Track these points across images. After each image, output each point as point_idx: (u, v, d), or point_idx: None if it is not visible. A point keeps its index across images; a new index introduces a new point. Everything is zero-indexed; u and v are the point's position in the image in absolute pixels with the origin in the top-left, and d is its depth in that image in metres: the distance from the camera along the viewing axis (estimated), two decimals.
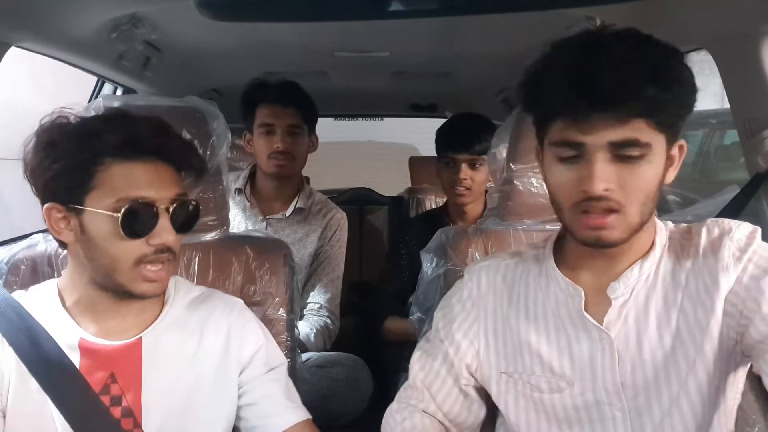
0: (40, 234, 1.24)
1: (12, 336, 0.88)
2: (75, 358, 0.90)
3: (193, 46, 1.85)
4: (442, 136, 1.91)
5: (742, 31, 1.17)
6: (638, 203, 0.78)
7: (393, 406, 1.00)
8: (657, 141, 0.77)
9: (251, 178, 1.87)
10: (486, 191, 1.93)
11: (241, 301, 1.06)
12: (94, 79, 1.95)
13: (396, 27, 1.66)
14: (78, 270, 0.92)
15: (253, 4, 1.11)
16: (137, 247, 0.87)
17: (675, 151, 0.82)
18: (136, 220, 0.86)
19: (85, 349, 0.91)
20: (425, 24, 1.63)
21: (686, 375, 0.82)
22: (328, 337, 1.71)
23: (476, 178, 1.84)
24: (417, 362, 1.01)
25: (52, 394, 0.87)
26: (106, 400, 0.89)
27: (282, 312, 1.20)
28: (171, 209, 0.89)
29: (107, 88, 2.05)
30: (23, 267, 1.14)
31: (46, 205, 0.88)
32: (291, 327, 1.20)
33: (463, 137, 1.83)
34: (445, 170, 1.88)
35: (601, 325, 0.86)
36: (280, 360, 1.05)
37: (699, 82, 0.80)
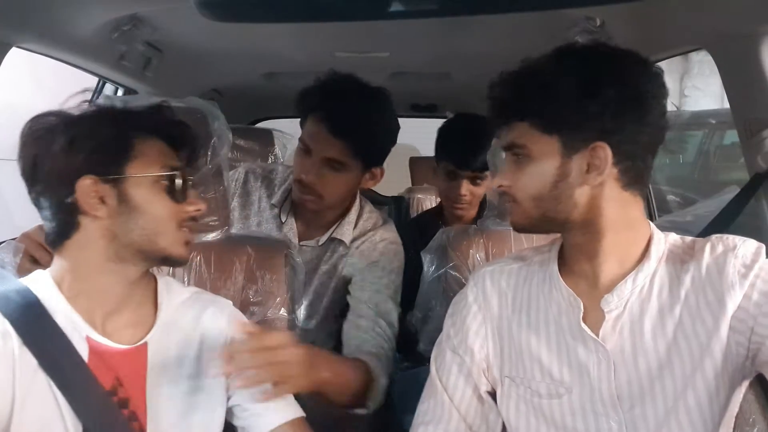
0: None
1: (22, 327, 0.85)
2: (84, 354, 0.87)
3: (193, 46, 1.85)
4: (446, 142, 1.76)
5: (742, 31, 1.17)
6: (529, 197, 0.87)
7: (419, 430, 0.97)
8: (543, 143, 0.84)
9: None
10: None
11: (230, 301, 1.06)
12: (95, 79, 1.95)
13: (396, 27, 1.66)
14: (87, 256, 0.89)
15: (253, 5, 1.11)
16: (178, 211, 0.93)
17: (587, 153, 0.83)
18: (182, 185, 0.93)
19: (93, 348, 0.89)
20: (425, 24, 1.63)
21: (683, 388, 0.82)
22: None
23: (477, 193, 1.75)
24: (436, 375, 0.99)
25: (63, 389, 0.85)
26: (115, 400, 0.89)
27: (283, 312, 1.20)
28: (192, 180, 0.97)
29: (108, 88, 2.05)
30: None
31: (82, 178, 0.86)
32: (292, 327, 1.20)
33: (467, 151, 1.66)
34: (445, 179, 1.76)
35: (597, 336, 0.87)
36: None
37: (699, 82, 0.81)
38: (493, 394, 0.98)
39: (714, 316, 0.81)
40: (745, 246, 0.84)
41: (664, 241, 0.89)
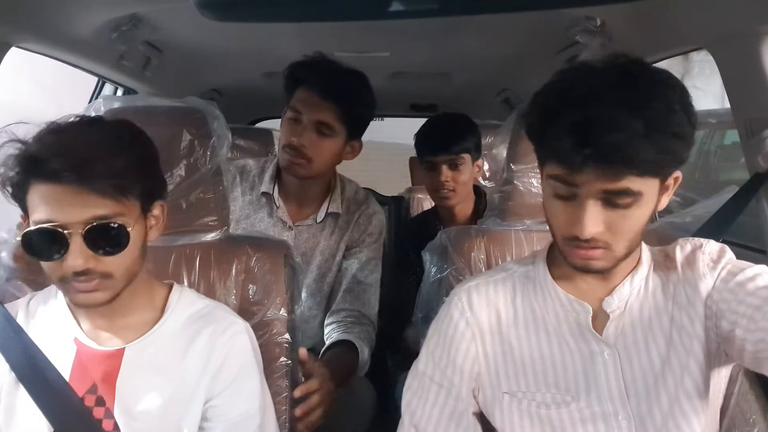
0: None
1: (5, 346, 0.93)
2: (72, 354, 0.94)
3: (193, 46, 1.86)
4: (420, 139, 1.87)
5: (742, 31, 1.17)
6: (625, 241, 0.82)
7: None
8: (649, 186, 0.79)
9: (279, 177, 1.61)
10: (485, 192, 1.93)
11: (242, 324, 1.02)
12: (95, 79, 1.95)
13: (396, 27, 1.66)
14: None
15: (253, 5, 1.11)
16: (56, 266, 0.85)
17: (670, 181, 0.83)
18: (39, 246, 0.84)
19: (79, 349, 0.94)
20: (425, 24, 1.63)
21: (681, 376, 0.85)
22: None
23: (458, 179, 1.80)
24: (407, 407, 0.96)
25: (39, 402, 0.90)
26: (92, 399, 0.92)
27: (283, 312, 1.20)
28: (84, 232, 0.83)
29: (108, 88, 2.05)
30: None
31: (21, 214, 0.90)
32: (292, 327, 1.20)
33: (440, 138, 1.79)
34: (427, 174, 1.85)
35: (601, 337, 0.89)
36: (249, 411, 0.98)
37: (699, 82, 0.81)
38: (477, 417, 0.96)
39: (694, 304, 0.88)
40: (710, 245, 0.91)
41: (648, 249, 0.93)
